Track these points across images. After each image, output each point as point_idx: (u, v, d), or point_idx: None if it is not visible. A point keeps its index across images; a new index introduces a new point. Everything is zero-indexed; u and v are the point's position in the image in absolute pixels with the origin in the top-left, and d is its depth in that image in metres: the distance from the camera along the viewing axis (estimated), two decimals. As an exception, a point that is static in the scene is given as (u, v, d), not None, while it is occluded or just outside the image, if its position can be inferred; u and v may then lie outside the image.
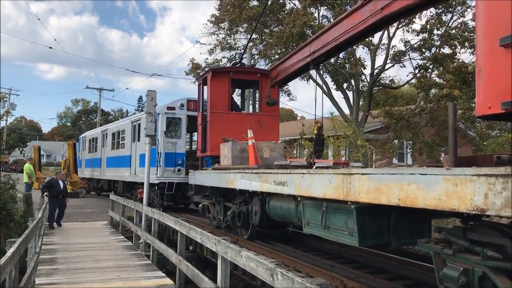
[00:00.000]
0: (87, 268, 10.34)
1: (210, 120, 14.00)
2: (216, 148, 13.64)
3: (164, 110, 18.71)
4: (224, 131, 13.75)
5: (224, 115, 14.11)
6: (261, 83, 14.47)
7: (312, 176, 7.34)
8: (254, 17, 25.41)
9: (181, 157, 18.60)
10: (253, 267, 5.57)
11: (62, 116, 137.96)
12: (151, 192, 19.25)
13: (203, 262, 12.28)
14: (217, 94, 14.09)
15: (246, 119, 14.20)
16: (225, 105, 14.20)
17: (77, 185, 31.36)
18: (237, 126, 13.88)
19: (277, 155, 12.93)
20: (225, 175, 11.54)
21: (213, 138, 13.89)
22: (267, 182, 9.10)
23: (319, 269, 8.59)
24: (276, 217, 9.91)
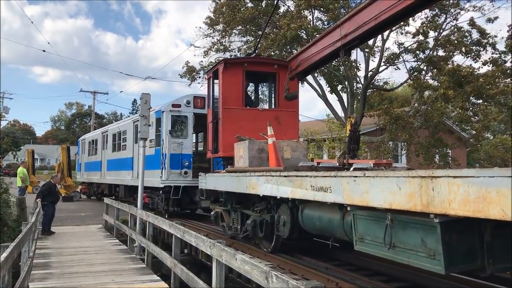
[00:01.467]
0: (81, 272, 10.24)
1: (222, 117, 12.56)
2: (229, 148, 12.29)
3: (169, 108, 17.27)
4: (238, 129, 12.41)
5: (237, 112, 12.70)
6: (278, 75, 13.06)
7: (370, 180, 5.83)
8: (249, 19, 25.50)
9: (187, 158, 17.15)
10: (248, 270, 5.56)
11: (56, 120, 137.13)
12: (155, 197, 17.84)
13: (198, 265, 12.11)
14: (230, 88, 12.69)
15: (262, 115, 12.81)
16: (238, 100, 12.77)
17: (71, 188, 31.28)
18: (252, 123, 12.59)
19: (299, 156, 11.57)
20: (244, 178, 10.08)
21: (226, 137, 12.49)
22: (301, 187, 7.62)
23: (314, 271, 8.53)
24: (311, 229, 8.38)
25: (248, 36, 29.08)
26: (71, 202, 29.22)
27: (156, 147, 17.74)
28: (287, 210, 8.91)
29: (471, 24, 24.40)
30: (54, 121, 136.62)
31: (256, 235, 10.40)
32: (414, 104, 27.36)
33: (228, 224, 11.96)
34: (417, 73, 26.27)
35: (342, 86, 29.78)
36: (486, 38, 24.34)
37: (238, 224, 11.32)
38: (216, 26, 29.16)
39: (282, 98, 12.88)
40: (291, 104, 13.03)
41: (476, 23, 24.38)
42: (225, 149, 12.50)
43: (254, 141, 11.41)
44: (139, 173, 18.86)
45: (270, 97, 13.95)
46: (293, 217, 8.76)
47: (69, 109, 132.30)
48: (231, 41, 29.67)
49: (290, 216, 8.80)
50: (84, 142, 32.21)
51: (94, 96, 57.01)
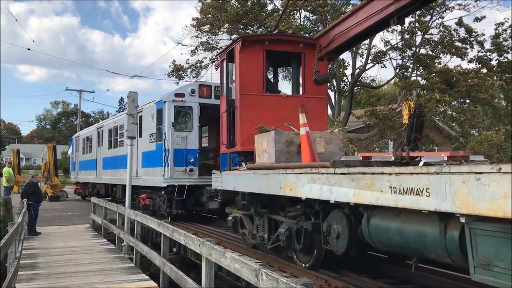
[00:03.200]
0: (69, 272, 10.13)
1: (240, 105, 10.70)
2: (248, 141, 10.51)
3: (172, 98, 15.36)
4: (258, 119, 10.64)
5: (257, 98, 10.86)
6: (304, 55, 11.22)
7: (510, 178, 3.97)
8: (234, 18, 25.55)
9: (193, 154, 15.26)
10: (238, 268, 5.55)
11: (41, 119, 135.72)
12: (157, 198, 15.85)
13: (187, 264, 11.88)
14: (249, 71, 10.85)
15: (286, 103, 11.04)
16: (258, 85, 10.92)
17: (58, 188, 31.30)
18: (274, 112, 10.88)
19: (334, 149, 9.80)
20: (276, 177, 8.18)
21: (244, 128, 10.67)
22: (372, 188, 5.72)
23: (303, 269, 8.44)
24: (384, 245, 6.25)
25: (236, 34, 28.16)
26: (58, 201, 29.19)
27: (157, 142, 15.81)
28: (343, 218, 6.95)
29: (458, 23, 24.44)
30: (40, 120, 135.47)
31: (291, 246, 8.51)
32: (401, 101, 26.42)
33: (250, 232, 10.06)
34: (403, 71, 26.21)
35: (329, 84, 28.88)
36: (473, 37, 24.40)
37: (265, 232, 9.44)
38: (203, 27, 28.92)
39: (308, 83, 11.05)
40: (318, 89, 11.20)
41: (463, 21, 24.58)
42: (243, 142, 10.66)
43: (281, 131, 9.57)
44: (138, 172, 17.14)
45: (294, 82, 12.04)
46: (351, 227, 6.83)
47: (55, 108, 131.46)
48: (218, 39, 29.40)
49: (348, 226, 6.84)
50: (78, 139, 30.28)
51: (80, 95, 55.97)
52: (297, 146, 9.50)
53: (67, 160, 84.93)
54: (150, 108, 16.59)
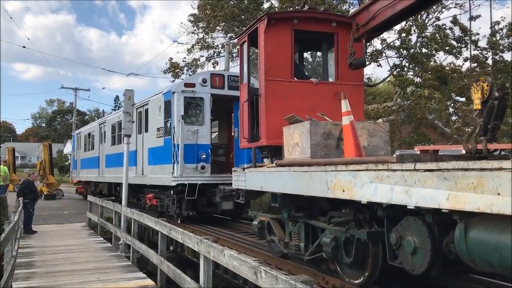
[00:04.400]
0: (66, 271, 10.05)
1: (265, 92, 9.35)
2: (275, 134, 9.21)
3: (181, 88, 13.97)
4: (286, 108, 9.35)
5: (285, 85, 9.53)
6: (337, 36, 9.88)
7: None
8: (230, 17, 25.39)
9: (205, 150, 13.91)
10: (236, 266, 5.51)
11: (37, 117, 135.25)
12: (165, 198, 14.48)
13: (184, 262, 11.77)
14: (275, 53, 9.50)
15: (317, 90, 9.76)
16: (286, 70, 9.57)
17: (54, 186, 31.34)
18: (304, 101, 9.51)
19: (378, 142, 8.54)
20: (321, 175, 6.75)
21: (270, 120, 9.35)
22: (478, 190, 4.29)
23: (300, 266, 8.46)
24: (494, 267, 4.59)
25: (231, 33, 28.09)
26: (54, 200, 29.18)
27: (165, 137, 14.42)
28: (422, 229, 5.47)
29: (454, 21, 23.91)
30: (35, 118, 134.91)
31: (339, 259, 7.10)
32: (397, 99, 26.72)
33: (281, 239, 8.67)
34: (399, 70, 25.65)
35: None
36: (468, 36, 23.78)
37: (301, 241, 8.04)
38: (199, 23, 28.49)
39: (342, 68, 9.71)
40: (354, 75, 9.84)
41: (458, 20, 23.98)
42: (269, 135, 9.32)
43: (318, 122, 8.22)
44: (144, 169, 15.78)
45: (325, 67, 10.67)
46: (434, 240, 5.40)
47: (50, 106, 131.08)
48: (214, 37, 28.85)
49: (430, 238, 5.39)
50: (80, 136, 28.80)
51: (75, 93, 55.98)
52: (336, 139, 8.18)
53: (62, 159, 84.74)
54: (157, 100, 15.20)
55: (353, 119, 7.72)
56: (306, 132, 8.06)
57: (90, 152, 25.34)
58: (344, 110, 7.72)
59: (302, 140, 8.22)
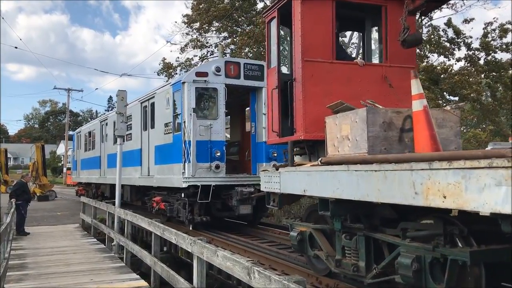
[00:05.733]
0: (59, 272, 10.01)
1: (303, 76, 7.82)
2: (314, 126, 7.71)
3: (192, 77, 12.39)
4: (327, 95, 7.82)
5: (326, 67, 8.01)
6: (385, 10, 8.35)
7: None
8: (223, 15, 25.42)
9: (219, 147, 12.37)
10: (230, 267, 5.53)
11: (29, 118, 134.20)
12: (174, 202, 12.97)
13: (178, 263, 11.67)
14: (314, 29, 7.98)
15: (363, 74, 8.23)
16: (327, 49, 8.05)
17: (47, 188, 31.65)
18: (347, 86, 8.00)
19: (449, 134, 7.08)
20: (404, 175, 4.97)
21: (309, 109, 7.79)
22: None
23: (294, 266, 8.46)
24: None
25: (225, 32, 28.04)
26: (47, 201, 29.28)
27: (174, 133, 12.82)
28: None
29: (447, 24, 23.62)
30: (28, 119, 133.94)
31: (424, 285, 5.42)
32: None
33: (330, 255, 7.08)
34: None
35: None
36: (461, 38, 23.61)
37: (361, 259, 6.43)
38: (193, 23, 28.07)
39: (392, 47, 8.21)
40: (405, 56, 8.33)
41: (452, 22, 23.68)
42: (308, 128, 7.77)
43: (376, 109, 6.69)
44: (150, 169, 14.23)
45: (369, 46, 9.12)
46: None
47: (43, 107, 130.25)
48: (208, 37, 28.64)
49: None
50: (80, 135, 27.11)
51: (68, 94, 55.78)
52: (398, 130, 6.65)
53: (55, 160, 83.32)
54: (164, 93, 13.61)
55: (426, 103, 6.21)
56: (361, 122, 6.53)
57: (91, 152, 23.68)
58: (416, 92, 6.21)
59: (355, 132, 6.69)
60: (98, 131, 22.05)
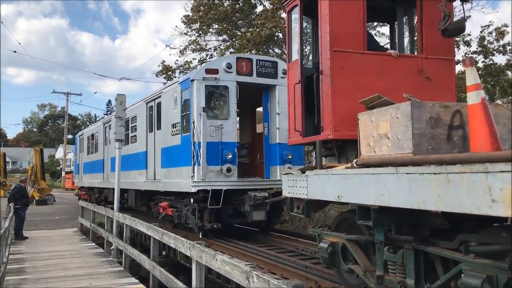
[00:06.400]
0: (57, 277, 9.90)
1: (332, 68, 7.04)
2: (345, 124, 6.95)
3: (202, 74, 11.56)
4: (358, 90, 7.06)
5: (357, 59, 7.25)
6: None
7: None
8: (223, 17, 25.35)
9: (231, 148, 11.56)
10: (229, 271, 5.54)
11: (28, 122, 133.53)
12: (182, 208, 12.13)
13: (176, 267, 11.57)
14: (343, 16, 7.21)
15: (397, 66, 7.45)
16: (358, 39, 7.30)
17: (45, 192, 31.69)
18: (381, 79, 7.23)
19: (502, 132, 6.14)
20: (475, 179, 4.00)
21: (338, 104, 6.97)
22: None
23: (293, 270, 8.45)
24: None
25: (224, 35, 28.20)
26: (45, 205, 29.37)
27: (182, 134, 11.97)
28: None
29: None
30: (26, 123, 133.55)
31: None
32: None
33: (368, 270, 6.20)
34: None
35: None
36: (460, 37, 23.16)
37: (409, 277, 5.48)
38: (193, 24, 28.09)
39: (428, 37, 7.43)
40: (442, 47, 7.57)
41: None
42: (336, 126, 6.95)
43: (422, 103, 5.87)
44: (156, 173, 13.40)
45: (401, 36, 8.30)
46: None
47: (42, 111, 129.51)
48: (207, 40, 28.66)
49: None
50: (82, 138, 26.19)
51: (67, 97, 55.49)
52: (446, 127, 5.83)
53: (54, 164, 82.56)
54: (172, 91, 12.76)
55: (484, 95, 5.38)
56: (405, 118, 5.72)
57: (94, 155, 22.77)
58: (472, 83, 5.36)
59: (396, 130, 5.87)
60: (101, 133, 21.15)
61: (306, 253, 10.08)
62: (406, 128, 5.73)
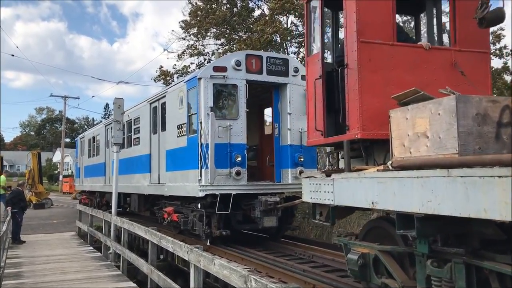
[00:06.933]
0: (55, 281, 9.87)
1: (359, 59, 6.43)
2: (375, 122, 6.32)
3: (210, 72, 10.91)
4: (388, 85, 6.42)
5: (387, 50, 6.61)
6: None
7: None
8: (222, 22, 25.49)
9: (240, 150, 10.90)
10: (227, 275, 5.55)
11: (25, 125, 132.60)
12: (189, 213, 11.47)
13: (174, 271, 11.48)
14: (371, 5, 6.58)
15: (429, 59, 6.81)
16: (387, 28, 6.69)
17: (43, 195, 31.44)
18: (412, 74, 6.58)
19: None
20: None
21: (367, 100, 6.39)
22: None
23: (291, 274, 8.44)
24: None
25: (222, 39, 28.20)
26: (43, 209, 29.15)
27: (189, 135, 11.29)
28: None
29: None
30: (24, 126, 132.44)
31: None
32: None
33: (405, 285, 5.51)
34: None
35: None
36: None
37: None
38: (191, 29, 28.29)
39: (462, 28, 6.81)
40: (477, 39, 6.93)
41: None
42: (365, 124, 6.30)
43: (467, 97, 5.22)
44: (160, 177, 12.75)
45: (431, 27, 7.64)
46: None
47: (40, 114, 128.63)
48: (205, 44, 28.88)
49: None
50: (83, 140, 25.40)
51: (64, 101, 55.30)
52: (494, 124, 5.19)
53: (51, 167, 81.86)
54: (177, 91, 12.08)
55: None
56: (448, 114, 5.07)
57: (95, 158, 21.98)
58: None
59: (438, 128, 5.22)
60: (102, 136, 20.39)
61: (304, 256, 10.02)
62: (449, 126, 5.08)
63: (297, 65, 11.94)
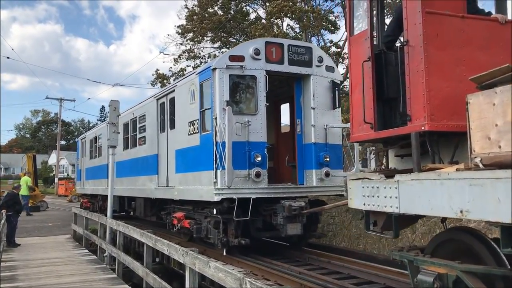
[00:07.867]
0: (50, 284, 9.77)
1: (425, 34, 5.27)
2: (445, 111, 5.20)
3: (225, 62, 9.68)
4: (458, 65, 5.32)
5: (456, 24, 5.49)
6: None
7: None
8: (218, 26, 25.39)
9: (260, 149, 9.66)
10: (222, 278, 5.56)
11: (20, 128, 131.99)
12: (202, 219, 10.27)
13: (170, 274, 11.25)
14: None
15: (505, 35, 5.59)
16: (457, 0, 5.45)
17: (38, 198, 30.79)
18: (486, 51, 5.44)
19: None
20: None
21: (435, 83, 5.24)
22: None
23: (288, 276, 8.24)
24: None
25: (218, 42, 28.14)
26: (38, 212, 28.61)
27: (202, 133, 10.06)
28: None
29: None
30: (19, 129, 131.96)
31: None
32: None
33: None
34: None
35: None
36: None
37: None
38: (187, 34, 27.94)
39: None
40: None
41: None
42: (433, 113, 5.11)
43: None
44: (168, 179, 11.54)
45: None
46: None
47: (35, 117, 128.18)
48: (201, 47, 28.70)
49: None
50: (85, 141, 24.09)
51: (60, 103, 54.52)
52: None
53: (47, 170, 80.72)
54: (188, 84, 10.82)
55: None
56: None
57: (97, 160, 20.70)
58: None
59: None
60: (105, 136, 19.00)
61: (300, 259, 9.89)
62: None
63: (322, 54, 10.75)
